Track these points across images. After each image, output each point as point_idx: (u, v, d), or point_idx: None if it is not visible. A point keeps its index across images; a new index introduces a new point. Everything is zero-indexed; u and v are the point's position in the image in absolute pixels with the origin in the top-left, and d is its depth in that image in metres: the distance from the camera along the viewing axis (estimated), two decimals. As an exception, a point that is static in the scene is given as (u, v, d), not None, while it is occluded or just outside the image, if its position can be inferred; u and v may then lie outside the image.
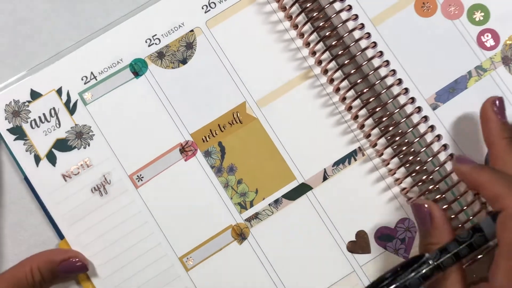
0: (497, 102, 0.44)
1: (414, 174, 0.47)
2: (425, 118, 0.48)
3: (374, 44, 0.48)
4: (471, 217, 0.46)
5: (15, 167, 0.48)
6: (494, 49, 0.50)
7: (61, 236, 0.47)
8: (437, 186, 0.46)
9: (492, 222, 0.40)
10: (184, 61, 0.49)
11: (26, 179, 0.47)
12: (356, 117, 0.48)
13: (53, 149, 0.47)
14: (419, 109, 0.48)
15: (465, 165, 0.43)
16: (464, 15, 0.50)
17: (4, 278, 0.44)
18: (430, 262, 0.40)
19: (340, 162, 0.48)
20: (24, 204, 0.48)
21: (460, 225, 0.46)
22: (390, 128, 0.47)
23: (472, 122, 0.48)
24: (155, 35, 0.49)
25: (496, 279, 0.38)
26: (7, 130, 0.47)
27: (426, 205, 0.43)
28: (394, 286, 0.40)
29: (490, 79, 0.49)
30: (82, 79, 0.48)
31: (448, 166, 0.47)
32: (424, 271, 0.40)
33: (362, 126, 0.48)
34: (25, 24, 0.49)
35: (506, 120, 0.44)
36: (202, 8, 0.49)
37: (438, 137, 0.48)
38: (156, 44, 0.49)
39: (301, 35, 0.49)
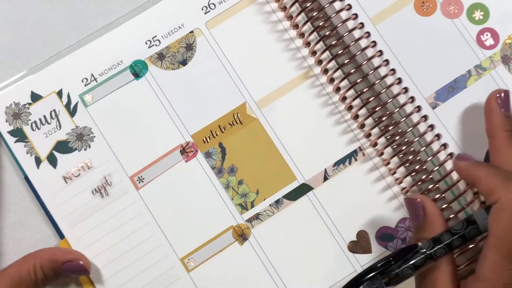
0: (502, 94, 0.45)
1: (414, 173, 0.47)
2: (425, 118, 0.48)
3: (374, 44, 0.48)
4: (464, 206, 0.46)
5: (14, 167, 0.48)
6: (494, 48, 0.50)
7: (61, 236, 0.47)
8: (436, 185, 0.47)
9: (485, 215, 0.40)
10: (184, 62, 0.49)
11: (26, 178, 0.47)
12: (356, 116, 0.48)
13: (53, 151, 0.48)
14: (418, 108, 0.48)
15: (463, 161, 0.44)
16: (464, 14, 0.50)
17: (7, 274, 0.44)
18: (423, 251, 0.41)
19: (341, 162, 0.48)
20: (24, 204, 0.48)
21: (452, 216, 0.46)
22: (390, 128, 0.47)
23: (472, 121, 0.48)
24: (155, 36, 0.49)
25: (482, 271, 0.38)
26: (8, 132, 0.47)
27: (418, 199, 0.43)
28: (387, 273, 0.41)
29: (490, 78, 0.49)
30: (82, 81, 0.48)
31: (448, 165, 0.47)
32: (416, 260, 0.40)
33: (362, 126, 0.48)
34: (25, 24, 0.49)
35: (510, 113, 0.45)
36: (202, 9, 0.49)
37: (438, 136, 0.48)
38: (156, 45, 0.49)
39: (301, 35, 0.49)
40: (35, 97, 0.48)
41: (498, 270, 0.38)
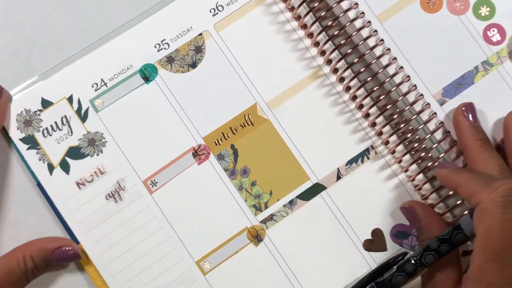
0: (467, 106, 0.47)
1: (426, 170, 0.48)
2: (435, 114, 0.48)
3: (382, 42, 0.48)
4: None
5: (14, 166, 0.47)
6: (500, 44, 0.50)
7: (76, 242, 0.47)
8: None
9: (470, 219, 0.41)
10: (193, 65, 0.49)
11: (39, 185, 0.47)
12: (366, 115, 0.48)
13: (66, 157, 0.47)
14: (429, 105, 0.48)
15: (445, 169, 0.45)
16: (470, 11, 0.50)
17: None
18: (413, 260, 0.42)
19: (353, 161, 0.49)
20: (24, 204, 0.48)
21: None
22: (401, 126, 0.47)
23: (480, 118, 0.48)
24: (164, 39, 0.49)
25: (470, 271, 0.39)
26: (20, 139, 0.47)
27: (407, 205, 0.47)
28: (379, 281, 0.43)
29: (497, 73, 0.50)
30: (92, 86, 0.48)
31: (460, 163, 0.47)
32: (407, 268, 0.42)
33: (373, 124, 0.48)
34: (33, 30, 0.49)
35: (478, 123, 0.47)
36: (210, 12, 0.49)
37: (448, 133, 0.48)
38: (165, 48, 0.49)
39: (310, 35, 0.49)
40: (46, 104, 0.48)
41: (483, 271, 0.39)
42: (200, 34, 0.49)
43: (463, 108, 0.47)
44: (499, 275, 0.38)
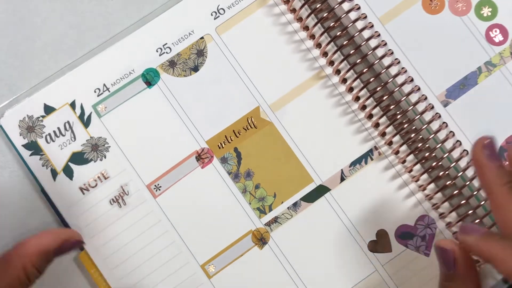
0: (487, 144, 0.39)
1: (430, 170, 0.47)
2: (439, 115, 0.48)
3: (385, 43, 0.48)
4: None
5: (13, 166, 0.47)
6: (503, 44, 0.50)
7: (81, 248, 0.47)
8: (453, 181, 0.47)
9: None
10: (196, 69, 0.49)
11: (43, 191, 0.47)
12: (370, 116, 0.48)
13: (69, 163, 0.47)
14: (432, 107, 0.48)
15: (471, 236, 0.38)
16: (472, 11, 0.50)
17: None
18: None
19: (357, 162, 0.48)
20: (23, 204, 0.48)
21: (478, 220, 0.46)
22: (405, 126, 0.47)
23: (484, 118, 0.49)
24: (166, 44, 0.49)
25: None
26: (22, 145, 0.47)
27: (449, 248, 0.39)
28: None
29: (500, 74, 0.50)
30: (95, 91, 0.48)
31: (462, 162, 0.47)
32: None
33: (376, 125, 0.48)
34: (35, 35, 0.49)
35: (502, 163, 0.39)
36: (211, 15, 0.49)
37: (452, 133, 0.48)
38: (167, 53, 0.49)
39: (312, 36, 0.49)
40: (48, 110, 0.48)
41: None
42: (202, 38, 0.49)
43: (484, 147, 0.39)
44: None
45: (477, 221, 0.46)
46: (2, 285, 0.39)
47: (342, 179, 0.48)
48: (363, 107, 0.48)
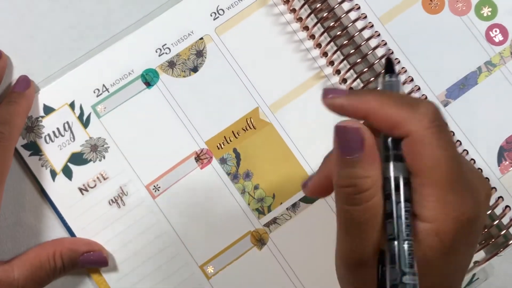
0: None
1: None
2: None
3: (385, 43, 0.48)
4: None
5: (13, 166, 0.47)
6: (503, 44, 0.50)
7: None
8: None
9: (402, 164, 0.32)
10: (195, 69, 0.49)
11: (43, 191, 0.47)
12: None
13: (68, 163, 0.47)
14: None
15: (340, 97, 0.34)
16: (472, 11, 0.50)
17: (28, 259, 0.44)
18: None
19: (356, 163, 0.48)
20: (23, 204, 0.48)
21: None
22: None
23: (484, 118, 0.49)
24: (165, 44, 0.49)
25: (429, 211, 0.31)
26: (22, 146, 0.47)
27: (357, 126, 0.33)
28: None
29: (500, 74, 0.49)
30: (94, 92, 0.48)
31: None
32: None
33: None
34: (35, 35, 0.49)
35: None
36: (211, 16, 0.49)
37: (452, 133, 0.48)
38: (166, 53, 0.49)
39: (312, 36, 0.49)
40: (48, 110, 0.48)
41: (447, 203, 0.31)
42: (201, 38, 0.49)
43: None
44: (462, 201, 0.31)
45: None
46: (37, 262, 0.44)
47: (341, 180, 0.48)
48: (363, 108, 0.48)
